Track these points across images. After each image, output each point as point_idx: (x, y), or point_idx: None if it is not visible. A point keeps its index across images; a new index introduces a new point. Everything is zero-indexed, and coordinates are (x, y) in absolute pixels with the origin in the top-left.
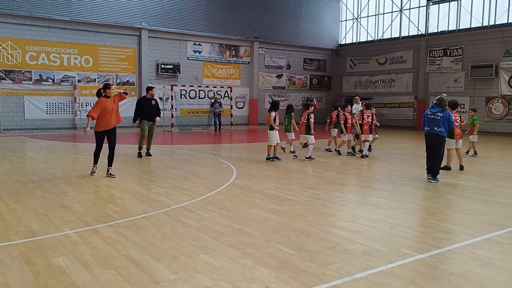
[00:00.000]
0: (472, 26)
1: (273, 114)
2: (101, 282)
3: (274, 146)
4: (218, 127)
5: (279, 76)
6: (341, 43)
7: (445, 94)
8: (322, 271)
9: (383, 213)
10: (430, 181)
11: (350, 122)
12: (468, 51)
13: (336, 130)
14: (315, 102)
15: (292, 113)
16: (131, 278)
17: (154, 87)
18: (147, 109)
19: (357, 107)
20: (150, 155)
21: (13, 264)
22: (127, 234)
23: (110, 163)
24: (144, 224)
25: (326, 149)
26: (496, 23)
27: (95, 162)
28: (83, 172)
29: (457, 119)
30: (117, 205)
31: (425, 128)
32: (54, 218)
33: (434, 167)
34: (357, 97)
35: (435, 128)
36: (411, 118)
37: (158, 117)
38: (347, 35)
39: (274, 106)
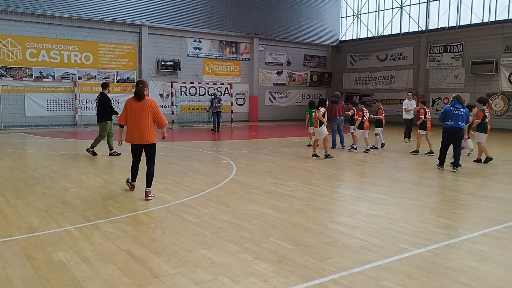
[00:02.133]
0: (473, 22)
1: (322, 109)
2: (101, 276)
3: (324, 142)
4: (217, 126)
5: (279, 73)
6: (342, 39)
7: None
8: (320, 265)
9: (382, 208)
10: (454, 172)
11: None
12: (468, 47)
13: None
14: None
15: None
16: (131, 273)
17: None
18: (110, 108)
19: (408, 103)
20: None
21: (14, 259)
22: (127, 229)
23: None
24: (144, 220)
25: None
26: (497, 19)
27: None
28: (84, 169)
29: (487, 114)
30: (117, 201)
31: (448, 122)
32: (54, 213)
33: (458, 158)
34: (410, 93)
35: (460, 123)
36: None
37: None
38: (348, 32)
39: (322, 102)
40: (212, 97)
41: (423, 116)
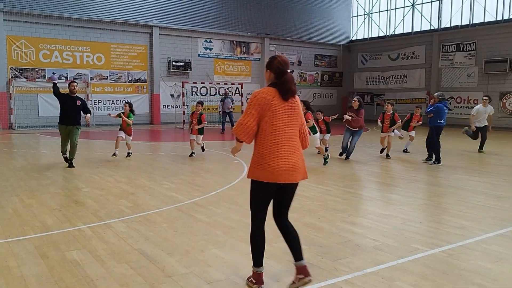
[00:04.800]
0: (486, 20)
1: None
2: (114, 275)
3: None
4: (232, 126)
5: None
6: (353, 39)
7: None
8: (333, 265)
9: (395, 208)
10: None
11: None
12: (481, 46)
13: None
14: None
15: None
16: (143, 272)
17: (75, 82)
18: (67, 110)
19: (482, 109)
20: (72, 166)
21: (28, 258)
22: (139, 229)
23: None
24: (156, 219)
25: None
26: (511, 17)
27: None
28: (96, 168)
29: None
30: (129, 201)
31: (442, 121)
32: (68, 213)
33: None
34: (486, 97)
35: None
36: (423, 114)
37: (88, 114)
38: (359, 31)
39: (307, 104)
40: (224, 96)
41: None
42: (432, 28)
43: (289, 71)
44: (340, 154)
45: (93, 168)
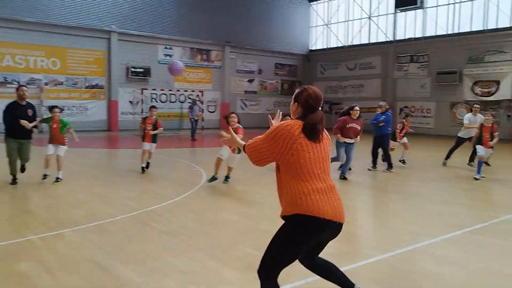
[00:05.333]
0: (438, 33)
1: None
2: (65, 287)
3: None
4: (193, 134)
5: (250, 81)
6: (312, 48)
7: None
8: (288, 272)
9: (350, 215)
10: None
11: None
12: (433, 58)
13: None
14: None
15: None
16: (96, 282)
17: (24, 86)
18: (16, 121)
19: (472, 118)
20: (15, 183)
21: None
22: (93, 238)
23: None
24: (111, 229)
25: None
26: (460, 31)
27: None
28: (48, 177)
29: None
30: (83, 210)
31: (390, 129)
32: (17, 223)
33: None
34: (477, 105)
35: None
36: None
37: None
38: (318, 41)
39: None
40: (192, 103)
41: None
42: (387, 39)
43: (320, 108)
44: (343, 177)
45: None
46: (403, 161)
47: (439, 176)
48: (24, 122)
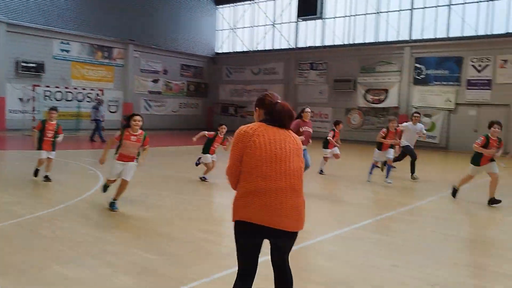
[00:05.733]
0: (335, 43)
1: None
2: None
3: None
4: (93, 135)
5: (155, 81)
6: (218, 51)
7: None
8: (183, 274)
9: None
10: None
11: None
12: (331, 66)
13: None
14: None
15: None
16: None
17: None
18: None
19: (410, 126)
20: None
21: None
22: None
23: None
24: None
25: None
26: (355, 42)
27: None
28: None
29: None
30: None
31: None
32: None
33: None
34: (417, 114)
35: None
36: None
37: None
38: (224, 44)
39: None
40: (97, 103)
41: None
42: (290, 47)
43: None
44: None
45: None
46: (321, 171)
47: (329, 177)
48: None
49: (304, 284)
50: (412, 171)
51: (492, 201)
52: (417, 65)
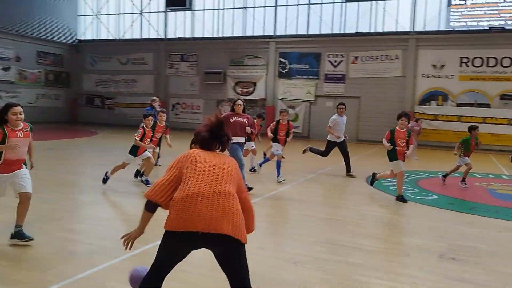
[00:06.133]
0: (205, 35)
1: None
2: None
3: None
4: None
5: (6, 69)
6: (81, 38)
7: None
8: (41, 277)
9: (117, 210)
10: None
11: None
12: (201, 58)
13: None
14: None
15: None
16: None
17: None
18: None
19: (338, 119)
20: None
21: None
22: None
23: None
24: None
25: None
26: (224, 35)
27: None
28: None
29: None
30: None
31: None
32: None
33: None
34: (341, 106)
35: None
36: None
37: None
38: (87, 31)
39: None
40: None
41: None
42: (159, 37)
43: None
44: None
45: None
46: (253, 169)
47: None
48: None
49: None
50: (349, 168)
51: (400, 199)
52: (282, 59)
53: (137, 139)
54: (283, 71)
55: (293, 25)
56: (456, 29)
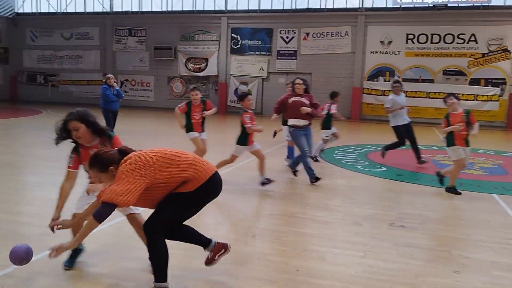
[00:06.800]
0: (154, 9)
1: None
2: None
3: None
4: None
5: None
6: (19, 11)
7: None
8: None
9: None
10: None
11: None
12: (151, 33)
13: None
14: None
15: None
16: None
17: None
18: None
19: (397, 98)
20: None
21: None
22: None
23: None
24: None
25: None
26: (174, 9)
27: None
28: None
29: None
30: None
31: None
32: None
33: None
34: (396, 84)
35: None
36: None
37: None
38: (26, 4)
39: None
40: None
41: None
42: (104, 10)
43: None
44: (314, 179)
45: None
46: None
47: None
48: None
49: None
50: (419, 156)
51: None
52: (234, 35)
53: (250, 126)
54: (235, 47)
55: (245, 0)
56: (403, 6)
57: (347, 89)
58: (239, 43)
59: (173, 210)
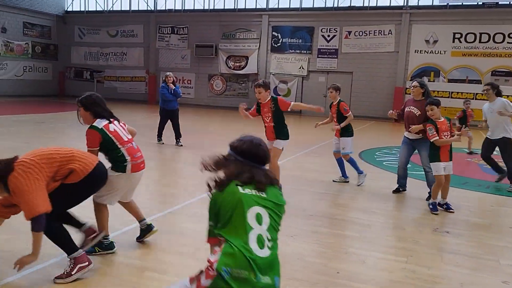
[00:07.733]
0: (196, 8)
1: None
2: None
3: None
4: None
5: None
6: (68, 10)
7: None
8: None
9: None
10: None
11: None
12: (192, 31)
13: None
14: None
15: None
16: None
17: None
18: None
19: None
20: None
21: None
22: None
23: None
24: None
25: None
26: (215, 7)
27: None
28: None
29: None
30: None
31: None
32: None
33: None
34: (487, 86)
35: None
36: (143, 92)
37: None
38: (75, 2)
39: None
40: None
41: None
42: (149, 9)
43: None
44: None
45: None
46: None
47: (191, 144)
48: None
49: (172, 247)
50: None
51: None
52: (274, 33)
53: (437, 138)
54: (275, 45)
55: None
56: (450, 4)
57: (389, 88)
58: (280, 41)
59: (63, 199)
